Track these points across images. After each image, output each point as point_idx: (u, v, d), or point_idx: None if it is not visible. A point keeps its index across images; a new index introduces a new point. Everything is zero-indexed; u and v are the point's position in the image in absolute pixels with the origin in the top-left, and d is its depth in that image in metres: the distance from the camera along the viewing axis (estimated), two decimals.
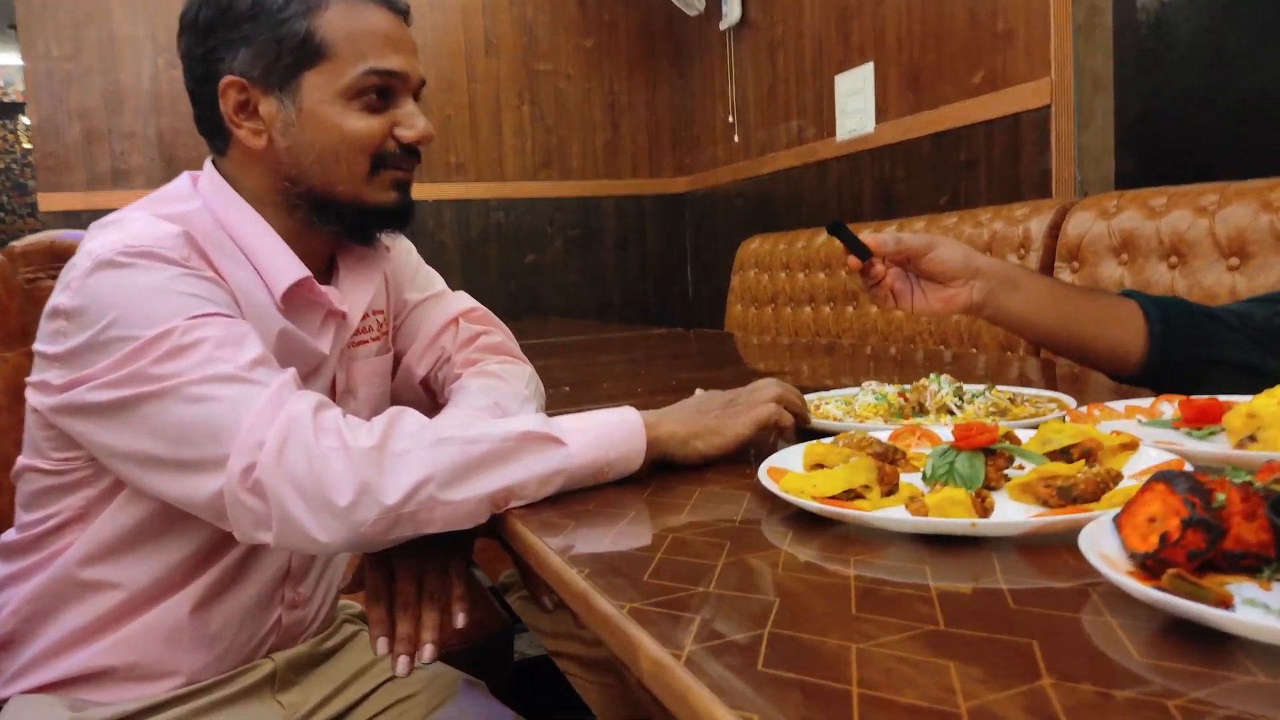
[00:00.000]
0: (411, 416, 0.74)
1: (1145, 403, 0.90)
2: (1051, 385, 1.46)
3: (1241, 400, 0.88)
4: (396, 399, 1.08)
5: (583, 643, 1.14)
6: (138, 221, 0.83)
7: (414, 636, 0.79)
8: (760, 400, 0.83)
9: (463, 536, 0.78)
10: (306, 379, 0.91)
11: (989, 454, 0.65)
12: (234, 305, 0.83)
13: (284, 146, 0.88)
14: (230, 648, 0.93)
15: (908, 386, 0.95)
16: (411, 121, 0.90)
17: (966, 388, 0.92)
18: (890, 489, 0.64)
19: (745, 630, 0.46)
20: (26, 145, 3.53)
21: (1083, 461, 0.63)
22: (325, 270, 0.98)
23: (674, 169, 4.24)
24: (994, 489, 0.64)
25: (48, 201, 3.30)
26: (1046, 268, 2.18)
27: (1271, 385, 1.00)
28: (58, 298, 0.79)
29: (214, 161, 0.93)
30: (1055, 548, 0.55)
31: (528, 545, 0.64)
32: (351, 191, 0.90)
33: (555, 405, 1.24)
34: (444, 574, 0.82)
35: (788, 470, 0.69)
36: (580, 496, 0.74)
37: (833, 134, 3.17)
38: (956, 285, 0.98)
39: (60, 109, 3.32)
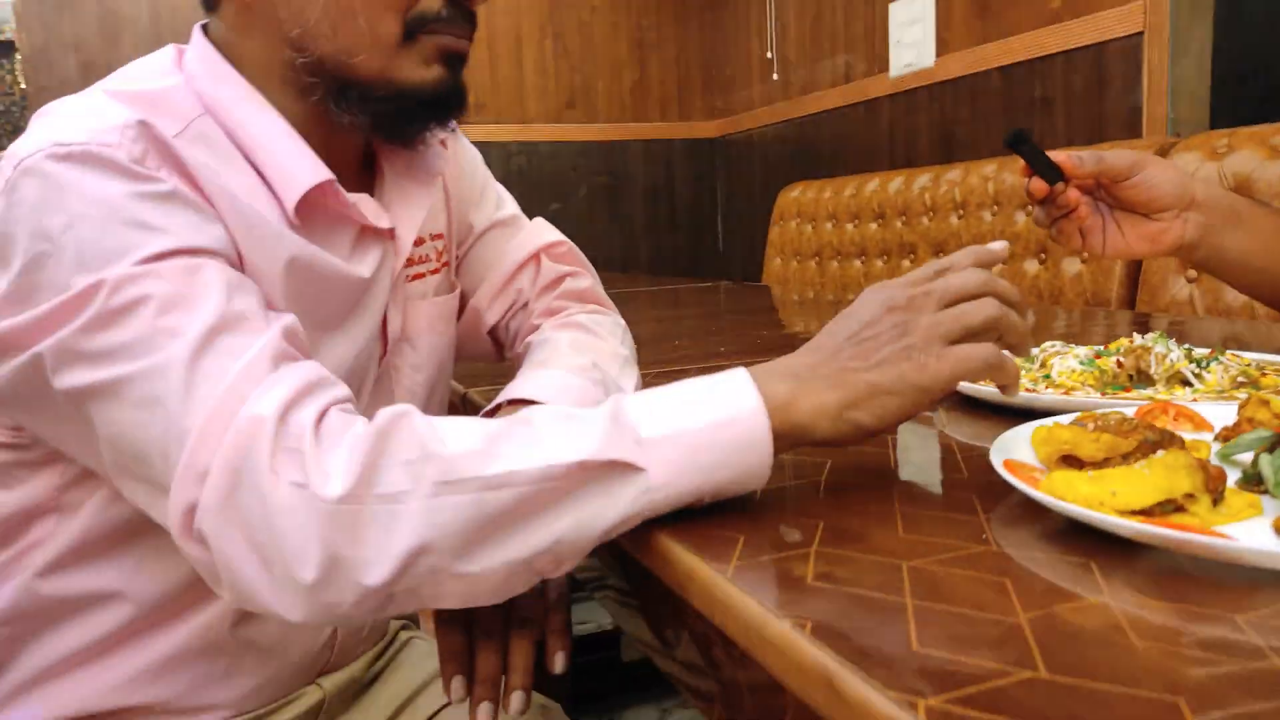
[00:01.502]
0: (407, 430, 0.50)
1: None
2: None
3: None
4: (460, 350, 0.87)
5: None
6: (80, 106, 0.60)
7: (498, 676, 0.59)
8: (969, 324, 0.51)
9: None
10: (344, 319, 0.69)
11: None
12: (215, 224, 0.59)
13: None
14: (280, 670, 0.73)
15: (1102, 348, 0.75)
16: None
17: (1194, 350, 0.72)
18: (1217, 498, 0.44)
19: None
20: (25, 86, 3.30)
21: None
22: (362, 173, 0.75)
23: (705, 112, 3.99)
24: None
25: None
26: None
27: None
28: None
29: (206, 27, 0.69)
30: None
31: (698, 586, 0.44)
32: (376, 65, 0.65)
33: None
34: (540, 592, 0.62)
35: (1038, 468, 0.49)
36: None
37: (885, 70, 2.93)
38: (1165, 218, 0.77)
39: (54, 39, 3.08)
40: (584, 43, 3.77)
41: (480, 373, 0.96)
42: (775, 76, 3.52)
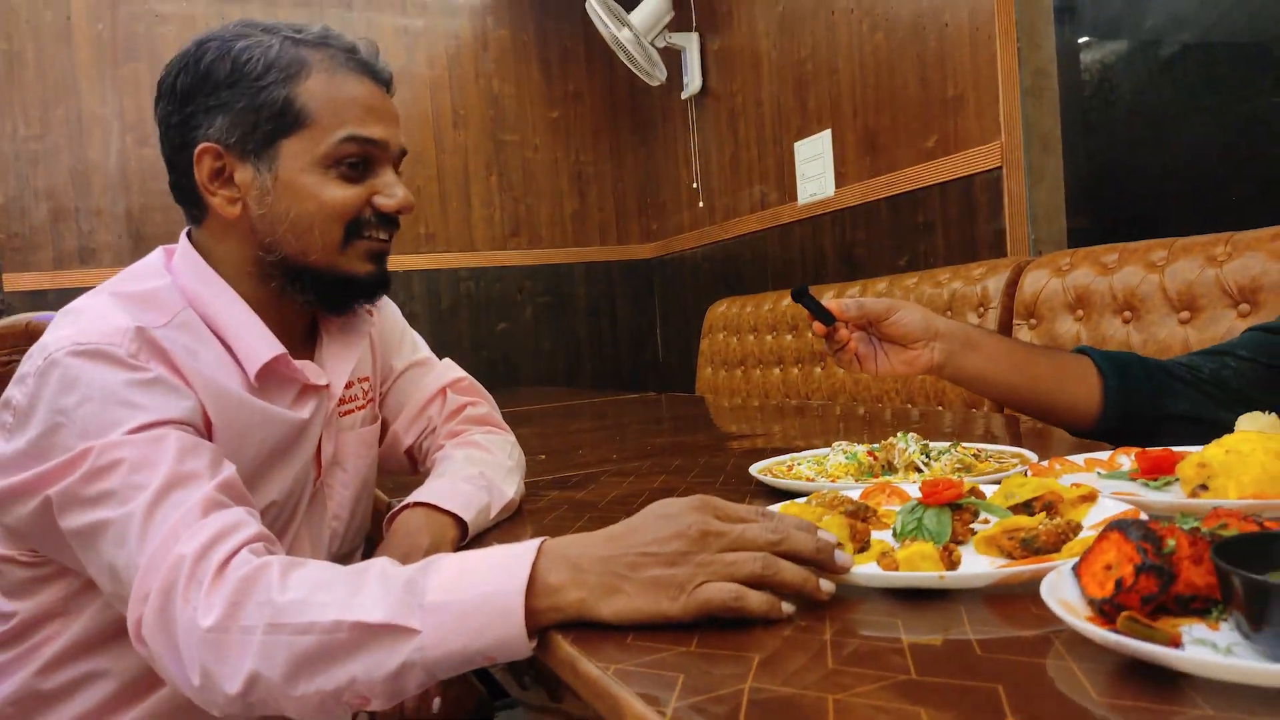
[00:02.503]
0: (266, 578, 0.65)
1: (1103, 456, 0.93)
2: (1015, 441, 1.50)
3: (1195, 450, 0.92)
4: (382, 467, 1.08)
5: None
6: (93, 312, 0.81)
7: (395, 713, 0.79)
8: (733, 574, 0.58)
9: None
10: (286, 453, 0.91)
11: (955, 509, 0.68)
12: (188, 398, 0.80)
13: (258, 215, 0.87)
14: None
15: (876, 446, 0.98)
16: (390, 191, 0.89)
17: (933, 445, 0.95)
18: (862, 546, 0.66)
19: (727, 686, 0.47)
20: None
21: (1044, 514, 0.66)
22: (306, 337, 0.97)
23: (641, 235, 4.32)
24: (961, 543, 0.67)
25: (13, 282, 3.29)
26: (1005, 325, 2.25)
27: (1222, 435, 1.05)
28: (12, 390, 0.79)
29: (190, 233, 0.93)
30: (1019, 597, 0.57)
31: None
32: (325, 261, 0.88)
33: (532, 474, 1.26)
34: None
35: None
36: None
37: (794, 198, 3.26)
38: (918, 347, 1.02)
39: (27, 190, 3.32)
40: (526, 177, 4.11)
41: (409, 484, 1.17)
42: (701, 204, 3.87)
